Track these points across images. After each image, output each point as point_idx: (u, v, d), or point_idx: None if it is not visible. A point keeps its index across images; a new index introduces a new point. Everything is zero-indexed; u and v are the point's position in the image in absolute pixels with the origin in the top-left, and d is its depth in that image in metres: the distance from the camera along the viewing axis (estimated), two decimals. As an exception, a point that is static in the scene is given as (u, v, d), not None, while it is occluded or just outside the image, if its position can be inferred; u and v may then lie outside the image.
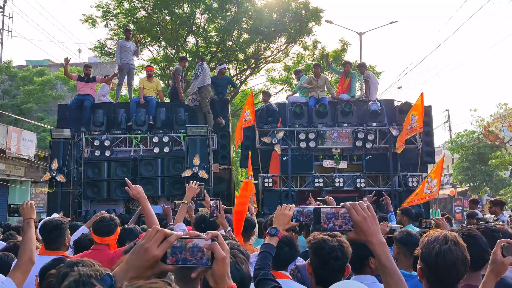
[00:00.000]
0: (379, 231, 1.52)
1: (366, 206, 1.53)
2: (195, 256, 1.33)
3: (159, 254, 1.29)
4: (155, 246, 1.29)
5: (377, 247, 1.49)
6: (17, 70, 27.81)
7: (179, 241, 1.33)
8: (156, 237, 1.30)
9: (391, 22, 23.05)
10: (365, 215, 1.50)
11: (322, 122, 10.37)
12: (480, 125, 26.37)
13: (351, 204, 1.51)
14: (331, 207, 1.54)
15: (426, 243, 2.10)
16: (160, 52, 20.90)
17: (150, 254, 1.28)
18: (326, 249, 2.18)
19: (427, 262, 2.07)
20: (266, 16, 18.66)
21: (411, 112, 9.44)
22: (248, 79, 23.19)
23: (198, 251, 1.33)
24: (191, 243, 1.33)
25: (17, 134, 17.24)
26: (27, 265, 2.86)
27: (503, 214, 8.60)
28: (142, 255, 1.29)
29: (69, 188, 9.77)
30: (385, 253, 1.49)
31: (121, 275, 1.28)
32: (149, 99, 10.58)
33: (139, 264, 1.29)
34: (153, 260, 1.29)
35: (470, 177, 25.84)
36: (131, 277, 1.28)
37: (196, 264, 1.33)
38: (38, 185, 19.98)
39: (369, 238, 1.49)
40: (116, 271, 1.29)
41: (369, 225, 1.49)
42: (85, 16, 19.27)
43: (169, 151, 10.01)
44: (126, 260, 1.31)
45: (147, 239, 1.30)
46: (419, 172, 10.16)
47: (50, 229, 3.54)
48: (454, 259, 2.01)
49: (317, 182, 9.94)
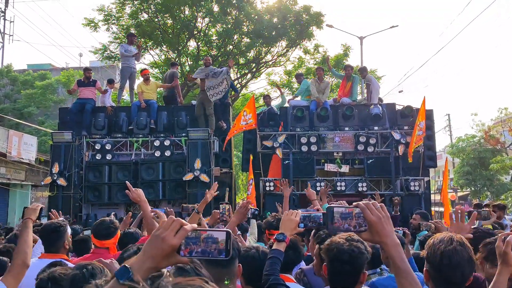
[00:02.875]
0: (393, 231, 1.49)
1: (380, 206, 1.50)
2: (209, 247, 1.31)
3: (176, 243, 1.28)
4: (172, 235, 1.28)
5: (391, 248, 1.46)
6: (18, 74, 27.88)
7: (194, 232, 1.31)
8: (173, 226, 1.29)
9: (392, 26, 23.05)
10: (380, 215, 1.47)
11: (324, 126, 10.34)
12: (481, 129, 26.33)
13: (365, 204, 1.49)
14: (345, 207, 1.50)
15: (431, 245, 2.10)
16: (161, 56, 20.94)
17: (167, 243, 1.27)
18: (343, 255, 2.15)
19: (432, 263, 2.06)
20: (267, 20, 18.68)
21: (419, 119, 9.44)
22: (248, 83, 23.21)
23: (213, 243, 1.31)
24: (205, 234, 1.31)
25: (17, 138, 17.23)
26: (20, 269, 2.71)
27: (505, 219, 8.57)
28: (159, 244, 1.27)
29: (70, 192, 9.75)
30: (400, 254, 1.47)
31: (138, 266, 1.26)
32: (150, 103, 10.57)
33: (156, 253, 1.27)
34: (171, 249, 1.27)
35: (471, 181, 25.77)
36: (149, 268, 1.27)
37: (211, 256, 1.31)
38: (38, 189, 19.95)
39: (384, 239, 1.46)
40: (132, 262, 1.26)
41: (384, 225, 1.46)
42: (86, 20, 19.29)
43: (170, 155, 10.01)
44: (143, 251, 1.29)
45: (164, 229, 1.29)
46: (421, 176, 10.13)
47: (49, 231, 3.49)
48: (460, 259, 2.01)
49: (319, 186, 9.87)
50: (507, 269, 2.18)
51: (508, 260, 2.17)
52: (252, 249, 2.54)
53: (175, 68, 11.95)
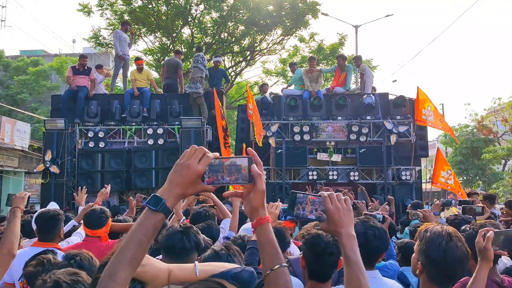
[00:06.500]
0: (350, 224, 1.52)
1: (344, 198, 1.54)
2: (233, 174, 1.33)
3: (201, 169, 1.31)
4: (196, 162, 1.31)
5: (344, 237, 1.50)
6: (11, 60, 27.59)
7: (216, 160, 1.33)
8: (196, 154, 1.33)
9: (387, 15, 22.99)
10: (339, 206, 1.51)
11: (317, 115, 10.36)
12: (474, 119, 26.52)
13: (328, 194, 1.52)
14: (305, 193, 1.53)
15: (430, 239, 2.09)
16: (155, 43, 20.79)
17: (192, 169, 1.30)
18: (321, 245, 2.18)
19: (432, 258, 2.05)
20: (263, 8, 18.55)
21: (426, 103, 9.81)
22: (243, 71, 23.12)
23: (236, 170, 1.33)
24: (228, 161, 1.34)
25: (10, 124, 17.15)
26: (5, 259, 2.68)
27: (494, 208, 8.68)
28: (185, 171, 1.31)
29: (63, 180, 9.73)
30: (351, 244, 1.51)
31: (166, 194, 1.30)
32: (143, 91, 10.54)
33: (182, 181, 1.31)
34: (196, 175, 1.31)
35: (463, 171, 25.99)
36: (177, 194, 1.31)
37: (235, 182, 1.34)
38: (32, 176, 19.93)
39: (338, 229, 1.50)
40: (160, 192, 1.31)
41: (341, 216, 1.50)
42: (81, 5, 19.09)
43: (163, 143, 10.01)
44: (168, 180, 1.32)
45: (187, 157, 1.33)
46: (412, 166, 10.21)
47: (46, 219, 3.50)
48: (461, 256, 2.03)
49: (311, 175, 9.97)
50: (487, 265, 2.22)
51: (488, 256, 2.21)
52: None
53: (178, 57, 11.76)
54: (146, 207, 1.29)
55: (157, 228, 1.30)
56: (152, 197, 1.30)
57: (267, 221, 1.42)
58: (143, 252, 1.28)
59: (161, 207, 1.28)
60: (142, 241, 1.26)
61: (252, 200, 1.40)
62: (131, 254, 1.25)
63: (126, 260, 1.24)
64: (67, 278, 1.87)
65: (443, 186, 9.49)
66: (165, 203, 1.28)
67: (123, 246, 1.26)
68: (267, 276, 1.40)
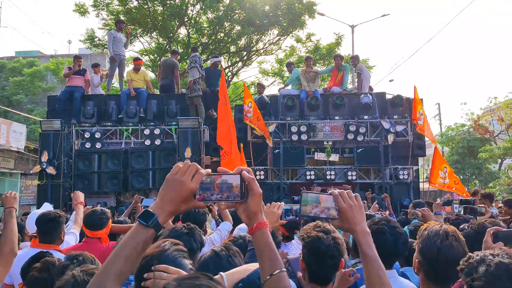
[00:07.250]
0: (363, 220, 1.53)
1: (354, 195, 1.54)
2: (224, 192, 1.33)
3: (194, 187, 1.30)
4: (189, 179, 1.30)
5: (360, 235, 1.51)
6: (6, 61, 27.46)
7: (208, 177, 1.33)
8: (190, 170, 1.32)
9: (383, 15, 23.00)
10: (351, 204, 1.51)
11: (314, 115, 10.37)
12: (470, 118, 26.58)
13: (339, 192, 1.52)
14: (317, 193, 1.53)
15: (426, 238, 2.08)
16: (151, 43, 20.73)
17: (185, 186, 1.29)
18: (322, 248, 2.14)
19: (427, 257, 2.05)
20: (259, 8, 18.53)
21: (418, 108, 9.85)
22: (239, 72, 23.09)
23: (228, 188, 1.33)
24: (220, 179, 1.33)
25: (6, 126, 17.04)
26: (8, 257, 2.73)
27: (493, 207, 8.68)
28: (178, 188, 1.29)
29: (60, 181, 9.71)
30: (367, 241, 1.52)
31: (159, 211, 1.29)
32: (140, 91, 10.50)
33: (175, 197, 1.30)
34: (189, 193, 1.30)
35: (459, 170, 26.03)
36: (169, 211, 1.30)
37: (226, 199, 1.33)
38: (28, 177, 19.80)
39: (353, 226, 1.51)
40: (152, 208, 1.30)
41: (355, 213, 1.51)
42: (77, 5, 19.00)
43: (160, 144, 9.98)
44: (160, 197, 1.31)
45: (181, 173, 1.31)
46: (409, 165, 10.23)
47: (47, 221, 3.45)
48: (456, 255, 1.99)
49: (309, 175, 9.97)
50: None
51: None
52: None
53: (175, 57, 11.71)
54: (137, 222, 1.27)
55: (148, 243, 1.28)
56: (144, 212, 1.28)
57: (266, 225, 1.41)
58: (131, 266, 1.26)
59: (152, 223, 1.26)
60: (131, 256, 1.24)
61: (250, 205, 1.37)
62: (119, 268, 1.23)
63: (114, 275, 1.22)
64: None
65: (441, 187, 9.48)
66: (157, 219, 1.27)
67: (110, 260, 1.24)
68: (266, 281, 1.38)
